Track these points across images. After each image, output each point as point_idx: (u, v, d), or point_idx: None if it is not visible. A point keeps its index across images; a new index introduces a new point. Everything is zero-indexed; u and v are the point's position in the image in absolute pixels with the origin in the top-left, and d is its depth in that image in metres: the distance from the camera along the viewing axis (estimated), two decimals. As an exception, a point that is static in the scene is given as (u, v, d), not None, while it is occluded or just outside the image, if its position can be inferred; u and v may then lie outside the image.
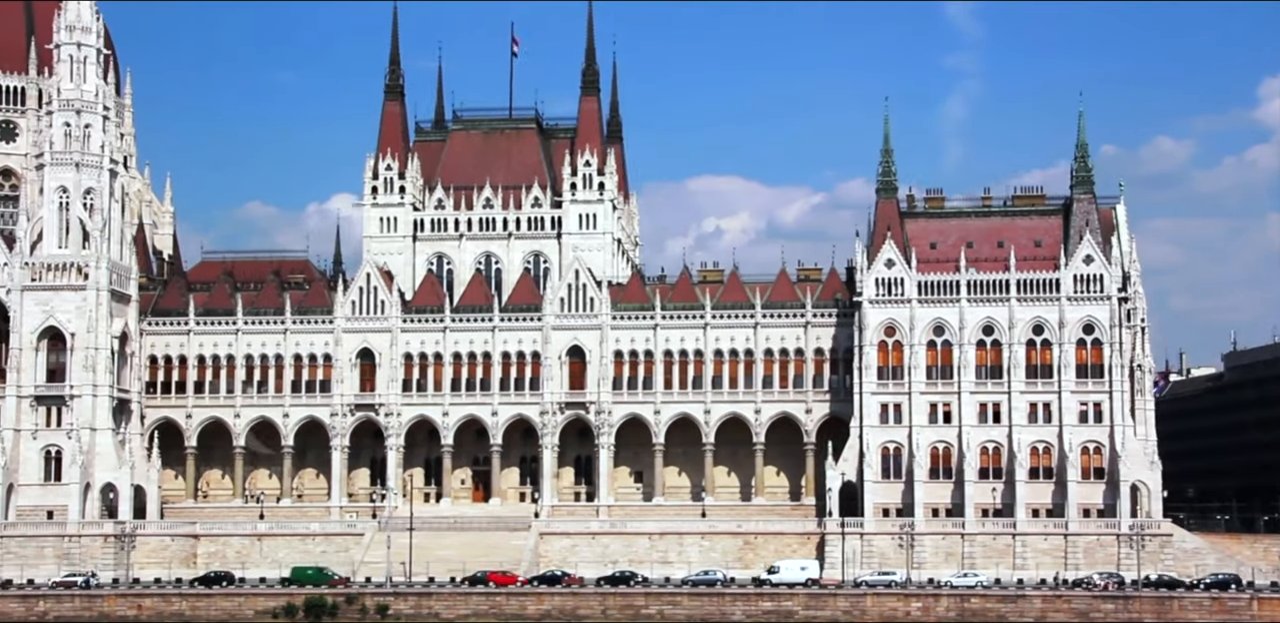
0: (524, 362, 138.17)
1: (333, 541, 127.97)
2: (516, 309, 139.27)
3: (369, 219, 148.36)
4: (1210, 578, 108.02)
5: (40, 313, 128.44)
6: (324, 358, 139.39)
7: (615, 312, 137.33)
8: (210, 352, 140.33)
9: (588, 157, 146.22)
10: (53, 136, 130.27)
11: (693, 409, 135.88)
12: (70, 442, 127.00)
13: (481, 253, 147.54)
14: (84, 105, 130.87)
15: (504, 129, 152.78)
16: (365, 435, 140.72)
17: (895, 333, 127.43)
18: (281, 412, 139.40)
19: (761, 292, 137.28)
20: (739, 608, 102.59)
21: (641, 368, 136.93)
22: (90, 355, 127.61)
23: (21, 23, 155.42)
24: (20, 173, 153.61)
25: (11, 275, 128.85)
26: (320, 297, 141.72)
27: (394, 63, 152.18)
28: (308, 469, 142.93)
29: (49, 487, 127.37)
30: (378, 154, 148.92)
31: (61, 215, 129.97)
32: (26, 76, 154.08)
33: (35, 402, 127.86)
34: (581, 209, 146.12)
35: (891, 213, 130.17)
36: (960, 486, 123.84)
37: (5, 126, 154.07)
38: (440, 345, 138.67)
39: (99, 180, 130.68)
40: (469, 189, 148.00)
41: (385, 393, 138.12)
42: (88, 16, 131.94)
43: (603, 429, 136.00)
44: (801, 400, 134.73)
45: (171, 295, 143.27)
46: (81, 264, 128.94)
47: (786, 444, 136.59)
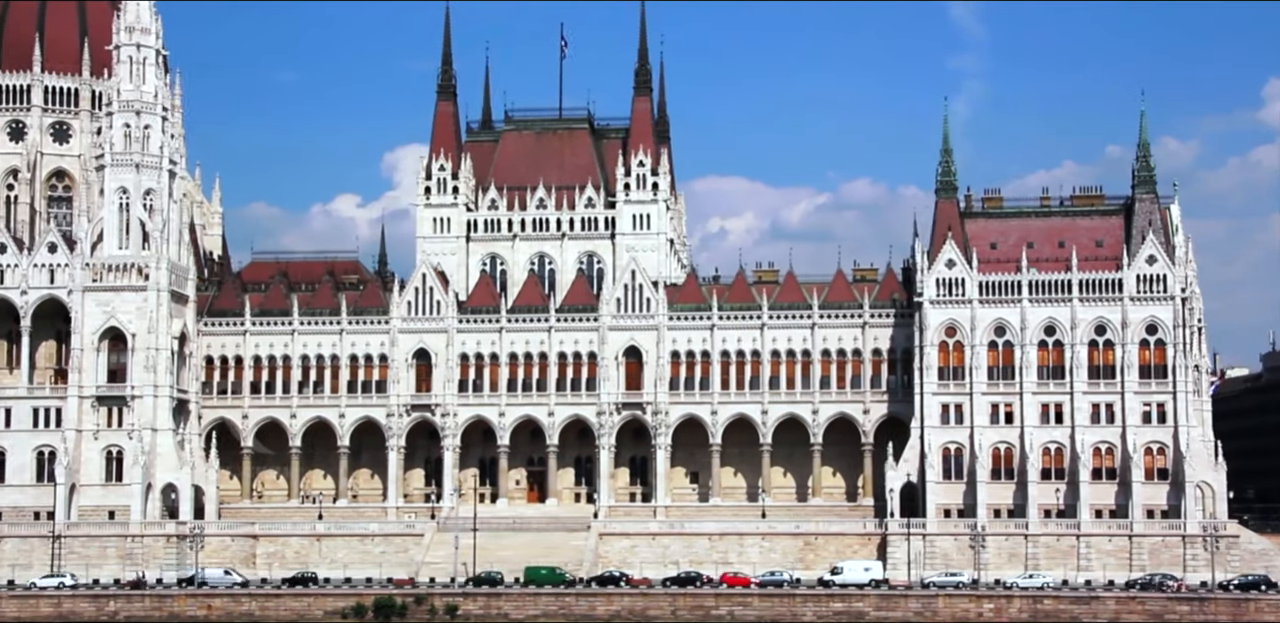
0: (580, 362, 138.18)
1: (392, 541, 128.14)
2: (572, 310, 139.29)
3: (422, 220, 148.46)
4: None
5: (101, 314, 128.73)
6: (380, 358, 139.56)
7: (672, 312, 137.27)
8: (266, 352, 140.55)
9: (641, 157, 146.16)
10: (113, 138, 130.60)
11: (750, 410, 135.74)
12: (131, 442, 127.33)
13: (535, 253, 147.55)
14: (143, 106, 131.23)
15: (556, 129, 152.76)
16: (420, 436, 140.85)
17: (956, 333, 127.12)
18: (338, 412, 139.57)
19: (818, 292, 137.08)
20: (809, 609, 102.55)
21: (698, 368, 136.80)
22: (151, 356, 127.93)
23: (75, 24, 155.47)
24: (74, 174, 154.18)
25: (72, 276, 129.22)
26: (376, 297, 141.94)
27: (446, 63, 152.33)
28: (362, 470, 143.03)
29: (110, 487, 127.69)
30: (430, 155, 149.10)
31: (122, 216, 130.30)
32: (80, 78, 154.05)
33: (96, 402, 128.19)
34: (635, 209, 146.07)
35: (951, 213, 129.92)
36: (1023, 486, 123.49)
37: (59, 128, 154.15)
38: (496, 346, 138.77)
39: (159, 181, 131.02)
40: (522, 189, 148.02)
41: (441, 393, 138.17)
42: (147, 17, 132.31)
43: (659, 430, 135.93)
44: (859, 401, 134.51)
45: (227, 296, 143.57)
46: (142, 265, 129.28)
47: (842, 445, 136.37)
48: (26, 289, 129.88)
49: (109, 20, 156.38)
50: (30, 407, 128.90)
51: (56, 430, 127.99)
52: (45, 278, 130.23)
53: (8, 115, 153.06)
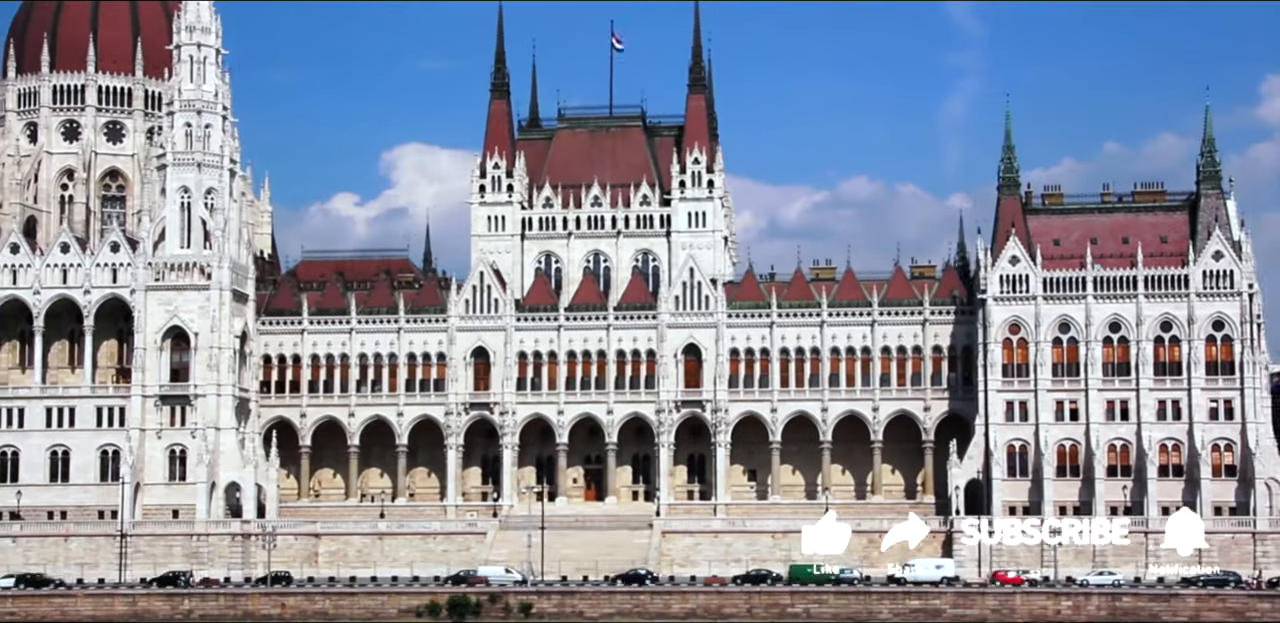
0: (639, 360, 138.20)
1: (454, 539, 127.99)
2: (630, 307, 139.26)
3: (476, 218, 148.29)
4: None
5: (164, 313, 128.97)
6: (438, 357, 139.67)
7: (731, 310, 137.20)
8: (324, 351, 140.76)
9: (697, 154, 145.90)
10: (174, 137, 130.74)
11: (810, 407, 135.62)
12: (195, 441, 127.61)
13: (590, 251, 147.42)
14: (204, 106, 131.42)
15: (609, 127, 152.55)
16: (477, 434, 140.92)
17: (1020, 330, 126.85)
18: (396, 411, 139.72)
19: (876, 289, 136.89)
20: (885, 606, 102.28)
21: (758, 366, 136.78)
22: (214, 355, 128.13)
23: (127, 25, 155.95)
24: (127, 174, 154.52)
25: (135, 276, 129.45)
26: (433, 296, 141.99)
27: (499, 61, 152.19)
28: (419, 468, 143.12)
29: (174, 486, 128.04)
30: (484, 153, 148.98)
31: (183, 215, 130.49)
32: (133, 78, 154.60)
33: (160, 401, 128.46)
34: (691, 207, 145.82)
35: (1014, 210, 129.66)
36: (1089, 483, 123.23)
37: (112, 128, 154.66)
38: (554, 344, 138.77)
39: (219, 180, 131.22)
40: (577, 187, 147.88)
41: (500, 392, 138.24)
42: (207, 17, 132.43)
43: (719, 428, 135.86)
44: (920, 398, 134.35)
45: (284, 295, 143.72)
46: (204, 264, 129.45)
47: (901, 442, 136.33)
48: (89, 289, 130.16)
49: (160, 20, 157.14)
50: (94, 406, 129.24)
51: (120, 430, 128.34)
52: (108, 277, 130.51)
53: (62, 115, 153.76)
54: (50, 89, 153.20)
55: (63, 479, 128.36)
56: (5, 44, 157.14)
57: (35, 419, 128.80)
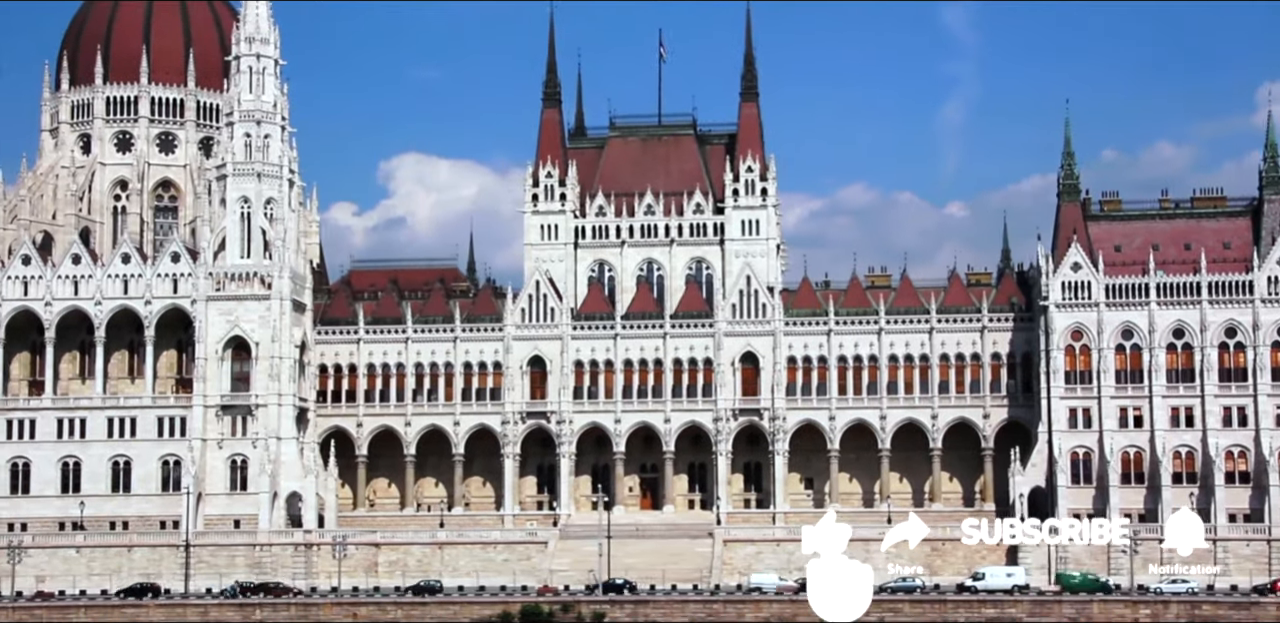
0: (695, 368, 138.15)
1: (514, 549, 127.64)
2: (686, 316, 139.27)
3: (529, 226, 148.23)
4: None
5: (224, 323, 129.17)
6: (494, 366, 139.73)
7: (788, 318, 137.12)
8: (380, 360, 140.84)
9: (750, 163, 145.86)
10: (234, 147, 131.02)
11: (868, 415, 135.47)
12: (256, 451, 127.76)
13: (643, 259, 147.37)
14: (263, 116, 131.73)
15: (661, 135, 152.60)
16: (532, 443, 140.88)
17: (1083, 337, 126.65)
18: (452, 420, 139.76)
19: (934, 297, 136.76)
20: (961, 615, 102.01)
21: (815, 374, 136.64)
22: (275, 364, 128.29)
23: (180, 36, 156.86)
24: (179, 184, 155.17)
25: (196, 286, 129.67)
26: (488, 305, 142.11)
27: (551, 70, 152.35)
28: (474, 478, 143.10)
29: (235, 496, 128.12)
30: (537, 161, 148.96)
31: (243, 225, 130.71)
32: (185, 89, 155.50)
33: (221, 411, 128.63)
34: (744, 215, 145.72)
35: (1075, 216, 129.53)
36: (1155, 491, 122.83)
37: (165, 138, 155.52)
38: (611, 353, 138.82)
39: (279, 190, 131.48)
40: (629, 196, 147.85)
41: (556, 401, 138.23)
42: (266, 27, 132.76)
43: (777, 436, 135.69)
44: (979, 406, 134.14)
45: (339, 305, 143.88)
46: (264, 274, 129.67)
47: (958, 449, 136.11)
48: (150, 299, 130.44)
49: (211, 32, 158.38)
50: (155, 416, 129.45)
51: (181, 440, 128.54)
52: (169, 288, 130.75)
53: (115, 127, 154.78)
54: (104, 100, 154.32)
55: (124, 490, 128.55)
56: (59, 57, 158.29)
57: (97, 430, 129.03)
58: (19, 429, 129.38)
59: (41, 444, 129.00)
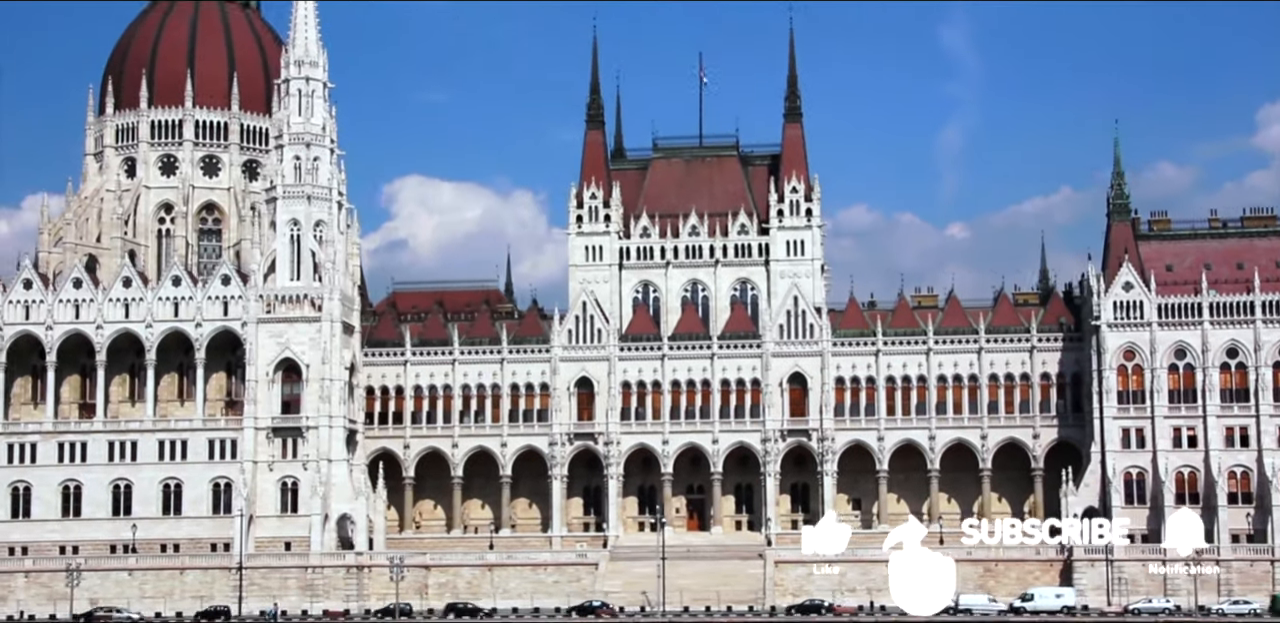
0: (743, 389, 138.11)
1: (564, 570, 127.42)
2: (734, 337, 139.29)
3: (574, 247, 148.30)
4: None
5: (275, 345, 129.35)
6: (541, 387, 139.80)
7: (836, 338, 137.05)
8: (427, 382, 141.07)
9: (794, 183, 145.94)
10: (283, 170, 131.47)
11: (917, 435, 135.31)
12: (307, 473, 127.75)
13: (688, 280, 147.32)
14: (312, 139, 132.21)
15: (705, 157, 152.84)
16: (578, 465, 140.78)
17: (1135, 357, 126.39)
18: (499, 441, 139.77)
19: (982, 317, 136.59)
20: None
21: (863, 394, 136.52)
22: (325, 387, 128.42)
23: (224, 60, 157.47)
24: (223, 207, 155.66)
25: (246, 308, 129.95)
26: (535, 326, 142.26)
27: (594, 92, 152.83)
28: (520, 499, 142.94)
29: (286, 518, 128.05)
30: (581, 183, 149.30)
31: (293, 248, 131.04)
32: (229, 112, 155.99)
33: (271, 433, 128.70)
34: (789, 236, 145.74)
35: (1126, 235, 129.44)
36: (1210, 511, 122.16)
37: (209, 161, 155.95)
38: (658, 374, 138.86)
39: (328, 213, 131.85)
40: (674, 217, 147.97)
41: (604, 422, 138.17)
42: (315, 51, 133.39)
43: (826, 457, 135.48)
44: (1029, 426, 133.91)
45: (385, 326, 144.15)
46: (314, 296, 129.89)
47: (1008, 469, 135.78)
48: (201, 321, 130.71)
49: (255, 55, 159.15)
50: (205, 439, 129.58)
51: (232, 462, 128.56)
52: (219, 310, 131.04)
53: (160, 150, 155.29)
54: (149, 124, 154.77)
55: (175, 512, 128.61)
56: (103, 81, 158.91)
57: (148, 452, 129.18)
58: (71, 452, 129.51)
59: (93, 467, 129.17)
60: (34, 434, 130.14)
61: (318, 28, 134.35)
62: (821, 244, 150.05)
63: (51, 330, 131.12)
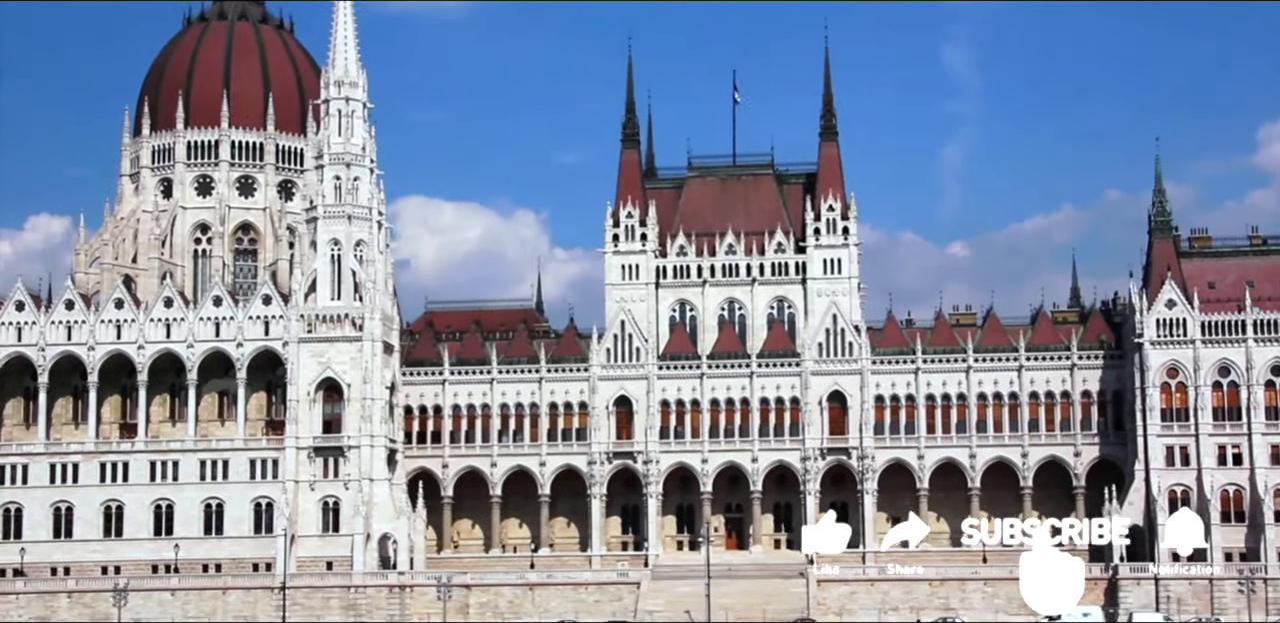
0: (782, 407, 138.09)
1: (606, 589, 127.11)
2: (772, 355, 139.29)
3: (610, 266, 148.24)
4: None
5: (316, 365, 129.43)
6: (579, 406, 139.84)
7: (875, 356, 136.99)
8: (465, 401, 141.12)
9: (831, 202, 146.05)
10: (324, 190, 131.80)
11: (957, 454, 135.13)
12: (349, 493, 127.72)
13: (725, 298, 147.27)
14: (352, 158, 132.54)
15: (740, 175, 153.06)
16: (616, 483, 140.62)
17: (1178, 374, 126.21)
18: (538, 460, 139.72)
19: (1021, 334, 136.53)
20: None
21: (903, 413, 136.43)
22: (367, 406, 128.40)
23: (259, 81, 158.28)
24: (259, 227, 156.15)
25: (287, 328, 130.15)
26: (573, 345, 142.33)
27: (629, 111, 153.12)
28: (558, 518, 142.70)
29: (327, 538, 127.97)
30: (617, 202, 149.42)
31: (333, 267, 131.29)
32: (264, 132, 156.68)
33: (313, 453, 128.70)
34: (826, 254, 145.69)
35: (1168, 253, 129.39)
36: (1256, 529, 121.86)
37: (244, 182, 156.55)
38: (697, 392, 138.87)
39: (369, 232, 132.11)
40: (710, 235, 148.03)
41: (643, 441, 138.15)
42: (355, 71, 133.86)
43: (866, 475, 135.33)
44: (1070, 444, 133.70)
45: (423, 345, 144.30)
46: (355, 316, 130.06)
47: (1048, 488, 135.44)
48: (242, 341, 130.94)
49: (290, 76, 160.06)
50: (247, 459, 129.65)
51: (274, 482, 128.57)
52: (260, 330, 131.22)
53: (196, 171, 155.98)
54: (185, 145, 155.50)
55: (217, 532, 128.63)
56: (138, 102, 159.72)
57: (189, 472, 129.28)
58: (112, 472, 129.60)
59: (134, 487, 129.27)
60: (76, 454, 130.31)
61: (357, 48, 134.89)
62: (858, 262, 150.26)
63: (94, 351, 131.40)
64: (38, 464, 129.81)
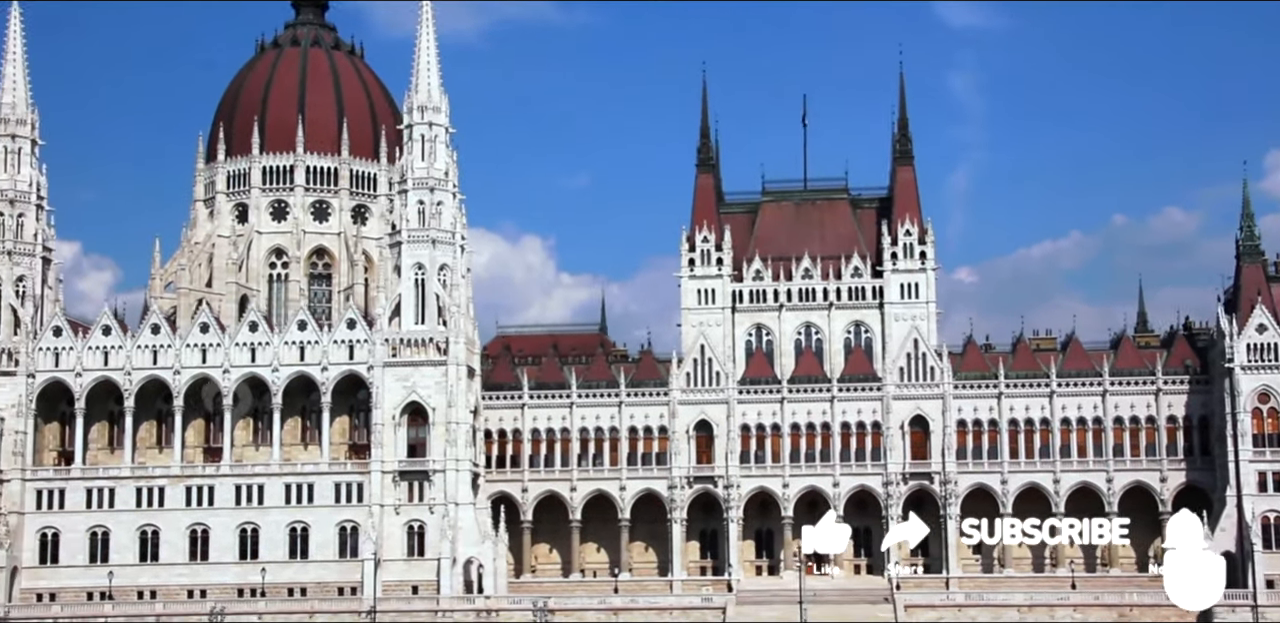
0: (864, 432, 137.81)
1: (690, 614, 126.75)
2: (853, 379, 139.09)
3: (686, 291, 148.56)
4: None
5: (401, 389, 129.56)
6: (659, 430, 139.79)
7: (957, 381, 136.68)
8: (544, 425, 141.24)
9: (908, 226, 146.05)
10: (407, 215, 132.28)
11: (1041, 478, 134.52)
12: (434, 517, 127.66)
13: (801, 323, 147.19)
14: (435, 183, 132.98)
15: (815, 200, 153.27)
16: (695, 508, 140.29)
17: (1270, 399, 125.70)
18: (618, 485, 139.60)
19: (1105, 359, 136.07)
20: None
21: (985, 437, 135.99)
22: (451, 430, 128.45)
23: (333, 106, 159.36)
24: (333, 251, 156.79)
25: (372, 352, 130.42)
26: (652, 369, 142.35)
27: (704, 136, 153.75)
28: (636, 543, 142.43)
29: (413, 562, 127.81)
30: (693, 226, 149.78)
31: (417, 292, 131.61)
32: (339, 157, 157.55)
33: (398, 477, 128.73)
34: (903, 279, 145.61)
35: (1257, 278, 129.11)
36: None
37: (319, 207, 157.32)
38: (777, 416, 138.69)
39: (452, 256, 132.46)
40: (786, 260, 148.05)
41: (724, 465, 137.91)
42: (437, 97, 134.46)
43: (949, 500, 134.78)
44: (1155, 469, 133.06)
45: (501, 369, 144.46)
46: (439, 340, 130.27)
47: (1131, 513, 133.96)
48: (327, 365, 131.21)
49: (363, 101, 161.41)
50: (332, 483, 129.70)
51: (359, 506, 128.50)
52: (345, 354, 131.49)
53: (271, 196, 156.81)
54: (260, 170, 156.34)
55: (302, 556, 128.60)
56: (212, 128, 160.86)
57: (275, 496, 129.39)
58: (198, 496, 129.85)
59: (220, 511, 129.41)
60: (162, 478, 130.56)
61: (440, 74, 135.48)
62: (935, 287, 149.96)
63: (179, 375, 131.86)
64: (124, 488, 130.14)
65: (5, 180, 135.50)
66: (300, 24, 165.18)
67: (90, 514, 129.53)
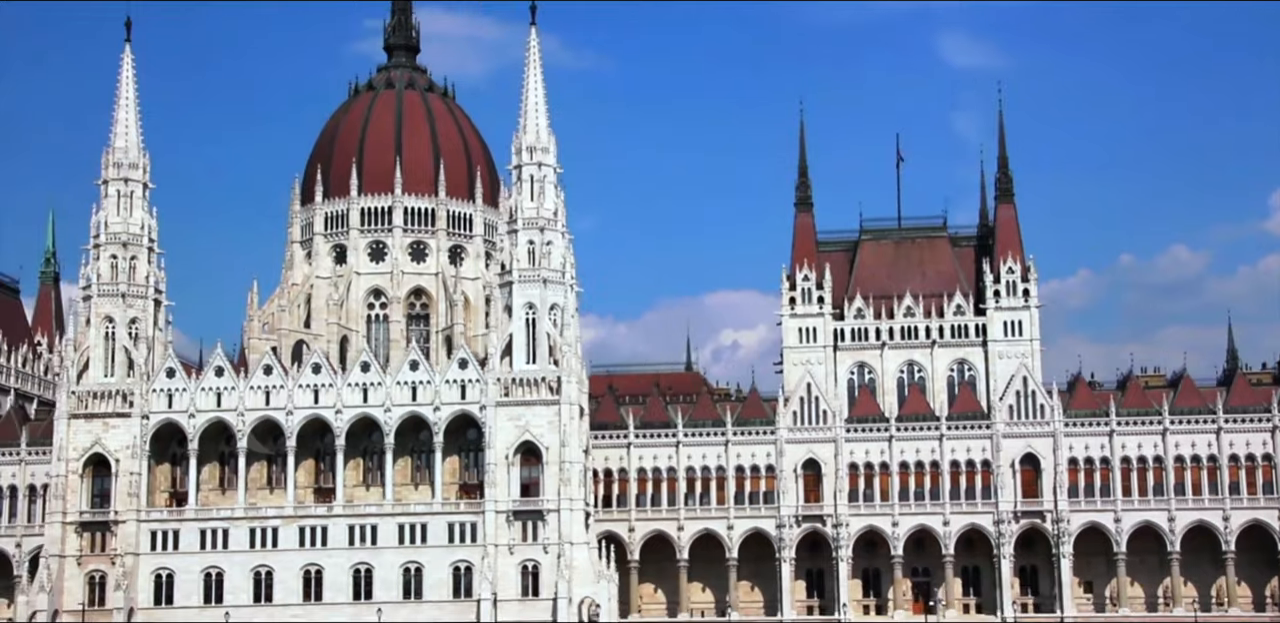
0: (973, 470, 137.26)
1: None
2: (961, 417, 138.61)
3: (788, 329, 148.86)
4: None
5: (514, 428, 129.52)
6: (766, 469, 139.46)
7: (1067, 418, 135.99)
8: (650, 464, 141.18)
9: (1010, 263, 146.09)
10: (518, 255, 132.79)
11: (1155, 517, 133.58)
12: (548, 557, 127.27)
13: (904, 361, 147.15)
14: (545, 223, 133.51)
15: (914, 238, 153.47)
16: (801, 547, 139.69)
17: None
18: (726, 524, 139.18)
19: (1218, 396, 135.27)
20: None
21: (1098, 475, 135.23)
22: (565, 469, 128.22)
23: (429, 147, 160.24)
24: (431, 292, 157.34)
25: (484, 391, 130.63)
26: (758, 408, 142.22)
27: (802, 175, 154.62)
28: (742, 582, 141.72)
29: (527, 602, 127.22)
30: (793, 265, 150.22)
31: (528, 331, 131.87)
32: (435, 198, 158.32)
33: (512, 517, 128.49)
34: (1006, 316, 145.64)
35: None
36: None
37: (416, 247, 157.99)
38: (885, 455, 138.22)
39: (563, 296, 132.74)
40: (888, 298, 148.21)
41: (832, 504, 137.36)
42: (545, 137, 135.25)
43: (1062, 539, 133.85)
44: (1274, 507, 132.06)
45: (607, 409, 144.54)
46: (550, 379, 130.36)
47: (1247, 552, 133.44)
48: (439, 405, 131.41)
49: (458, 143, 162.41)
50: (445, 522, 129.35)
51: (473, 545, 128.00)
52: (457, 394, 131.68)
53: (369, 237, 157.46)
54: (359, 211, 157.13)
55: (416, 596, 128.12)
56: (308, 170, 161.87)
57: (388, 536, 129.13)
58: (311, 537, 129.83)
59: (333, 551, 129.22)
60: (275, 519, 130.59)
61: (548, 115, 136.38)
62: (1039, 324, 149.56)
63: (292, 415, 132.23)
64: (238, 529, 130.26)
65: (119, 223, 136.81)
66: (393, 67, 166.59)
67: (204, 555, 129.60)
